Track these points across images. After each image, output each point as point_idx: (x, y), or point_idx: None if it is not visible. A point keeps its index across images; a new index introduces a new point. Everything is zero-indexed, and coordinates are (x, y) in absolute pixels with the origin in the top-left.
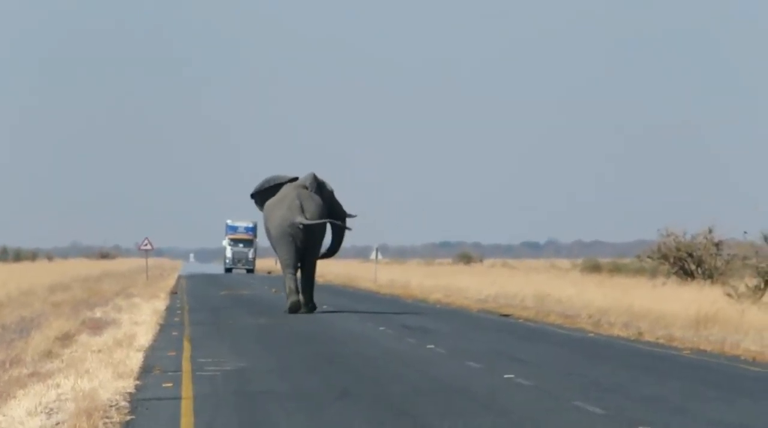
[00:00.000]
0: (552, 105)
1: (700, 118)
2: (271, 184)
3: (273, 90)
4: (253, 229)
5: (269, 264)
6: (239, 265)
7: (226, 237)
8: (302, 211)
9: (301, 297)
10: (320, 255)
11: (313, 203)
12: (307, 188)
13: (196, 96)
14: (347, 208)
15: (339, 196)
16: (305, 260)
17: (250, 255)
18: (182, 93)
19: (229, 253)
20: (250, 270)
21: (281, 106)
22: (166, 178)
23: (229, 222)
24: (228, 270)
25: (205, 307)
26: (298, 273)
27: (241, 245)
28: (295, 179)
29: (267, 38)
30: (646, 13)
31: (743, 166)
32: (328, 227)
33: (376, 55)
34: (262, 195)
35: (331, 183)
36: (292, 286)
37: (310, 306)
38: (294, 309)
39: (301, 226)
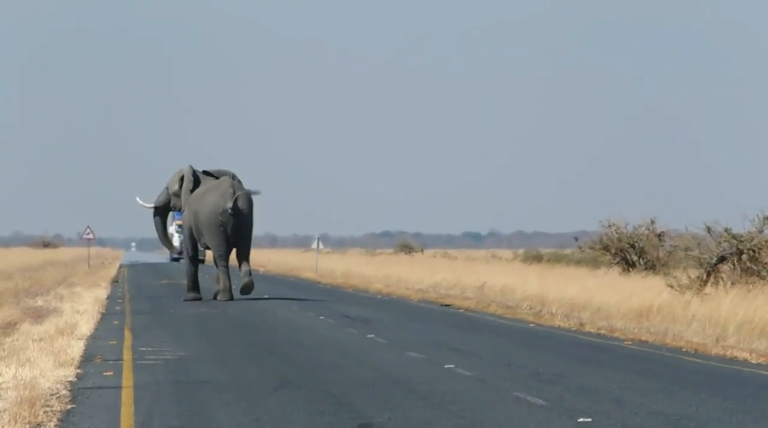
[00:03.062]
0: (491, 96)
1: (643, 110)
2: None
3: (217, 75)
4: None
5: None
6: None
7: (174, 224)
8: (235, 198)
9: (233, 287)
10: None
11: (244, 193)
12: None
13: (138, 83)
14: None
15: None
16: (240, 247)
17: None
18: (124, 80)
19: (176, 242)
20: (200, 261)
21: (224, 94)
22: (109, 166)
23: None
24: (175, 259)
25: (146, 296)
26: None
27: None
28: (209, 173)
29: (209, 26)
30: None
31: (687, 161)
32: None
33: (324, 46)
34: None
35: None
36: (227, 284)
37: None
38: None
39: (231, 212)
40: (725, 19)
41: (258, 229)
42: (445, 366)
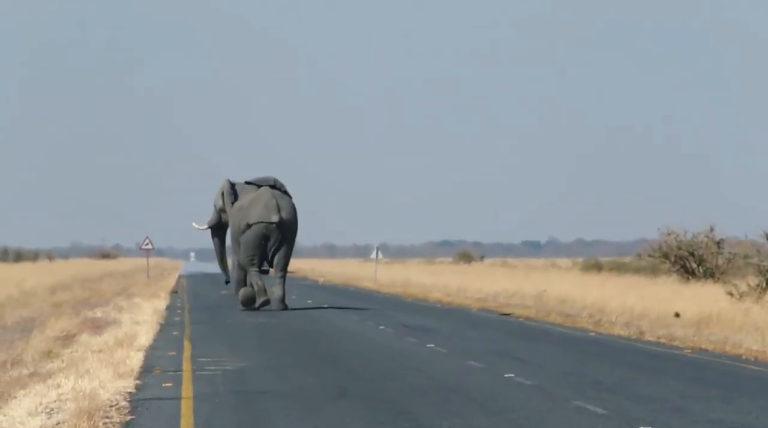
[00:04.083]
0: (551, 103)
1: (700, 120)
2: (234, 190)
3: (261, 92)
4: None
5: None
6: None
7: None
8: (278, 209)
9: (275, 292)
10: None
11: (286, 202)
12: (276, 188)
13: (195, 95)
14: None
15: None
16: (281, 258)
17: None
18: (182, 94)
19: None
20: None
21: (274, 108)
22: (167, 176)
23: None
24: None
25: (205, 307)
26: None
27: None
28: (250, 183)
29: (249, 46)
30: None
31: (742, 168)
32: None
33: (380, 53)
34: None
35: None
36: (260, 283)
37: (286, 303)
38: (266, 303)
39: (274, 225)
40: (725, 19)
41: (317, 239)
42: (505, 375)
